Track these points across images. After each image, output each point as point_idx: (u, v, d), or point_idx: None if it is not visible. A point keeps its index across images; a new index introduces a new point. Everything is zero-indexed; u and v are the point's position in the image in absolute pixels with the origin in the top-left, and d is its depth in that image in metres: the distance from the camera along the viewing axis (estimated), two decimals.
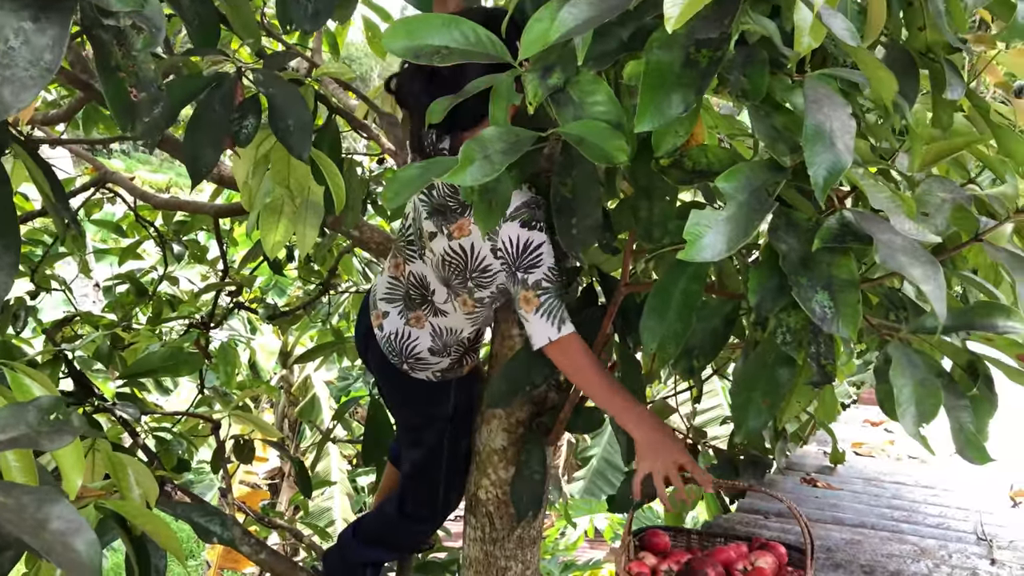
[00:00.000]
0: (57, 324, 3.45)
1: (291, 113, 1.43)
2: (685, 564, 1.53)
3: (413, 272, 1.87)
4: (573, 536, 5.96)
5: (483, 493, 1.97)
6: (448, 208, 1.72)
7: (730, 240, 1.05)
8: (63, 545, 0.79)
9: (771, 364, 1.33)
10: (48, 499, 0.83)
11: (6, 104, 0.83)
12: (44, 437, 0.90)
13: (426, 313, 1.86)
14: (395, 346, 1.91)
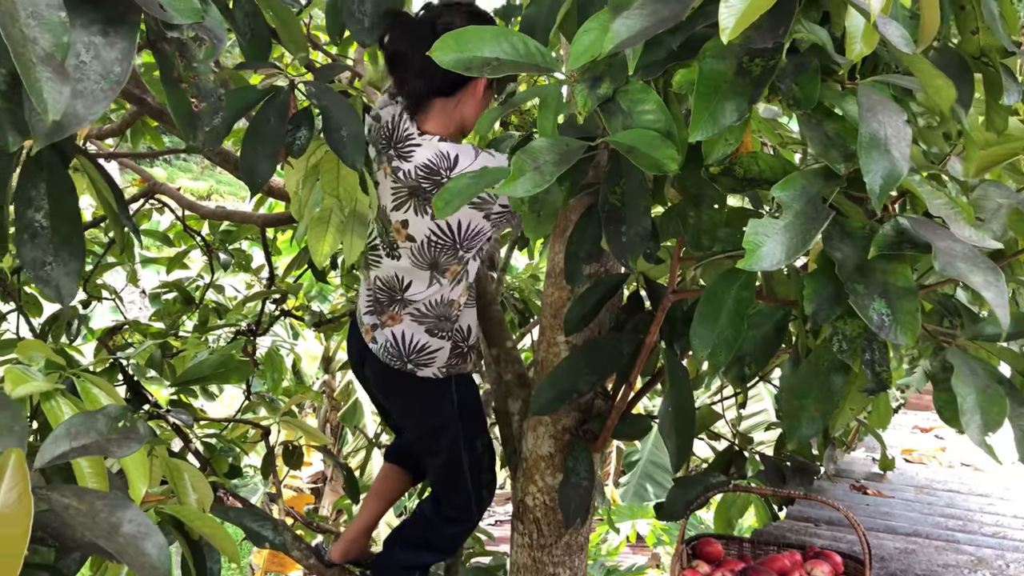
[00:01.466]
0: (108, 332, 3.53)
1: (344, 124, 1.45)
2: (739, 572, 1.52)
3: (379, 276, 1.88)
4: (615, 541, 5.93)
5: (530, 499, 1.98)
6: (422, 189, 1.74)
7: (788, 249, 1.05)
8: (135, 549, 0.82)
9: (824, 371, 1.32)
10: (119, 504, 0.85)
11: (79, 117, 0.86)
12: (113, 444, 0.93)
13: (396, 310, 1.87)
14: (396, 349, 1.90)
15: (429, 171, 1.72)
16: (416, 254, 1.79)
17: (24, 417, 0.93)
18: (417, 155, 1.74)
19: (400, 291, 1.85)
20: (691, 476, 2.04)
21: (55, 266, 1.09)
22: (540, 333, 2.01)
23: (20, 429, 0.89)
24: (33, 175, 1.10)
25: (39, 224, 1.09)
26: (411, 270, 1.82)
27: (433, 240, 1.76)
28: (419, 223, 1.75)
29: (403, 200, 1.77)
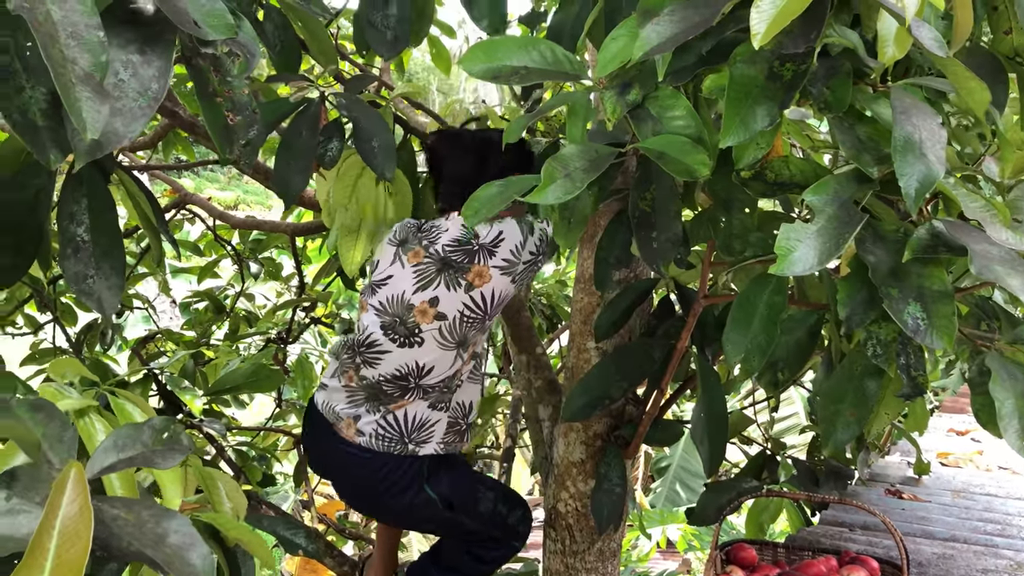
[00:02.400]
0: (141, 341, 3.58)
1: (376, 135, 1.47)
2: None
3: (382, 373, 1.80)
4: (646, 547, 5.90)
5: (562, 506, 1.98)
6: (451, 263, 1.78)
7: (821, 254, 1.04)
8: (181, 559, 0.83)
9: (858, 376, 1.31)
10: (165, 515, 0.86)
11: (119, 134, 0.88)
12: (158, 456, 0.95)
13: (411, 397, 1.81)
14: (395, 431, 1.82)
15: (458, 243, 1.79)
16: (445, 334, 1.78)
17: (72, 428, 0.95)
18: (444, 235, 1.82)
19: (417, 378, 1.80)
20: (723, 481, 2.03)
21: (97, 279, 1.11)
22: (570, 339, 2.02)
23: (69, 439, 0.90)
24: (75, 190, 1.12)
25: (81, 238, 1.11)
26: (435, 352, 1.79)
27: (466, 315, 1.77)
28: (452, 298, 1.77)
29: (431, 278, 1.79)
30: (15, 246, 1.12)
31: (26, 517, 0.68)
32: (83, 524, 0.60)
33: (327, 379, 1.91)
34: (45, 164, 0.89)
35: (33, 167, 1.11)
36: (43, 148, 0.91)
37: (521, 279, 1.84)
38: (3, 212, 1.10)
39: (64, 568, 0.59)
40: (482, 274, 1.77)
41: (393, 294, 1.81)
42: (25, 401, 0.98)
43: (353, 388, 1.84)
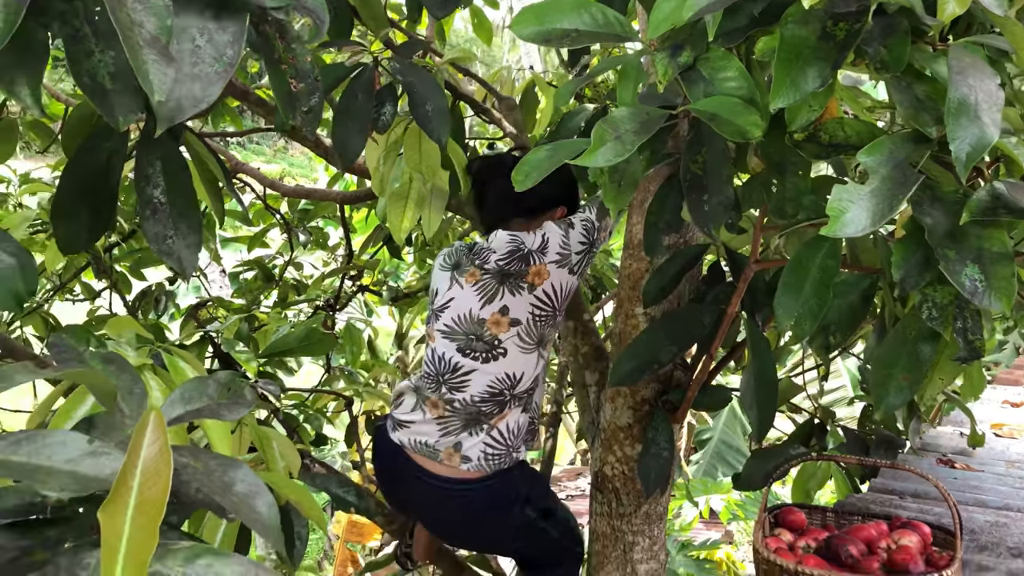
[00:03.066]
0: (194, 308, 3.66)
1: (429, 99, 1.48)
2: (825, 540, 1.51)
3: (472, 394, 1.81)
4: (689, 516, 5.92)
5: (609, 469, 2.00)
6: (509, 273, 1.81)
7: (874, 215, 1.04)
8: (247, 506, 0.86)
9: (912, 340, 1.30)
10: (231, 465, 0.90)
11: (197, 99, 0.91)
12: (224, 408, 0.98)
13: (508, 409, 1.83)
14: (503, 445, 1.83)
15: (508, 254, 1.83)
16: (524, 337, 1.81)
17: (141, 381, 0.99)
18: (494, 253, 1.85)
19: (511, 388, 1.82)
20: (770, 448, 2.04)
21: (176, 239, 1.15)
22: (618, 305, 2.02)
23: (140, 391, 0.94)
24: (148, 154, 1.16)
25: (158, 200, 1.14)
26: (520, 359, 1.81)
27: (537, 313, 1.81)
28: (520, 302, 1.80)
29: (493, 291, 1.82)
30: (91, 209, 1.16)
31: (108, 459, 0.71)
32: (163, 464, 0.63)
33: (406, 415, 1.89)
34: (114, 126, 0.92)
35: (104, 131, 1.15)
36: (112, 111, 0.94)
37: (579, 268, 1.87)
38: (78, 176, 1.14)
39: (147, 505, 0.62)
40: (540, 273, 1.81)
41: (460, 314, 1.84)
42: (98, 354, 1.02)
43: (447, 417, 1.83)
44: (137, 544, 0.61)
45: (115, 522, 0.61)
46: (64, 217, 1.14)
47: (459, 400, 1.82)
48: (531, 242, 1.83)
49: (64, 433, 0.73)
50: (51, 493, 0.68)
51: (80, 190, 1.14)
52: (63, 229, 1.15)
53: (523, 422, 1.87)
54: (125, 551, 0.61)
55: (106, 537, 0.60)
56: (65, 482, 0.69)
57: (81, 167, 1.13)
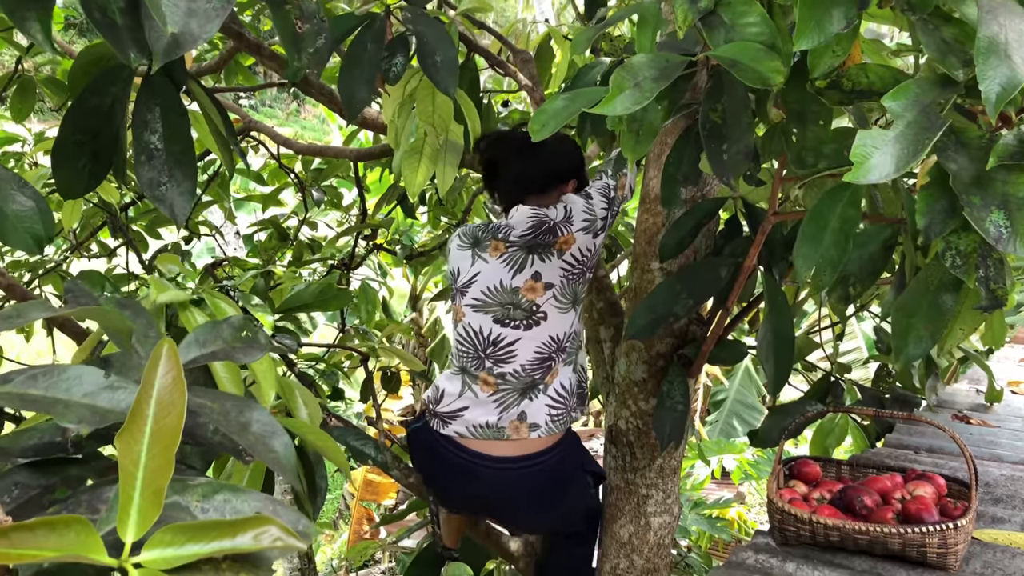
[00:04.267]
0: (210, 266, 3.67)
1: (439, 50, 1.46)
2: (839, 492, 1.51)
3: (523, 364, 1.82)
4: (701, 475, 5.95)
5: (623, 423, 2.00)
6: (537, 243, 1.83)
7: (899, 160, 1.02)
8: (264, 446, 0.87)
9: (934, 289, 1.28)
10: (248, 405, 0.90)
11: (194, 35, 0.89)
12: (238, 351, 0.98)
13: (558, 365, 1.85)
14: (563, 407, 1.85)
15: (533, 228, 1.84)
16: (560, 298, 1.83)
17: (156, 325, 0.99)
18: (517, 228, 1.85)
19: (558, 349, 1.84)
20: (787, 404, 2.03)
21: (169, 186, 1.15)
22: (634, 260, 2.01)
23: (155, 335, 0.95)
24: (148, 99, 1.15)
25: (154, 146, 1.14)
26: (560, 319, 1.83)
27: (570, 274, 1.83)
28: (551, 267, 1.82)
29: (522, 260, 1.83)
30: (93, 152, 1.15)
31: (124, 392, 0.71)
32: (178, 394, 0.63)
33: (454, 405, 1.86)
34: (125, 62, 0.92)
35: (109, 74, 1.14)
36: (123, 46, 0.93)
37: (603, 231, 1.89)
38: (82, 118, 1.13)
39: (162, 434, 0.62)
40: (568, 241, 1.84)
41: (490, 285, 1.84)
42: (112, 299, 1.02)
43: (503, 391, 1.83)
44: (154, 471, 0.61)
45: (131, 450, 0.61)
46: (65, 160, 1.14)
47: (510, 372, 1.82)
48: (555, 215, 1.85)
49: (81, 368, 0.73)
50: (69, 425, 0.68)
51: (82, 133, 1.13)
52: (63, 172, 1.14)
53: (574, 380, 1.89)
54: (142, 478, 0.61)
55: (123, 464, 0.60)
56: (82, 415, 0.69)
57: (84, 110, 1.12)
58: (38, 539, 0.57)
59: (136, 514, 0.62)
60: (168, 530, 0.61)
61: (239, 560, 0.65)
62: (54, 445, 0.83)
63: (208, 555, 0.61)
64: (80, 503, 0.75)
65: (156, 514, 0.62)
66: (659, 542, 2.03)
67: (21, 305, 0.75)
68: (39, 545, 0.57)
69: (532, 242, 1.83)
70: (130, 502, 0.62)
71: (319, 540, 7.71)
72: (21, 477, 0.80)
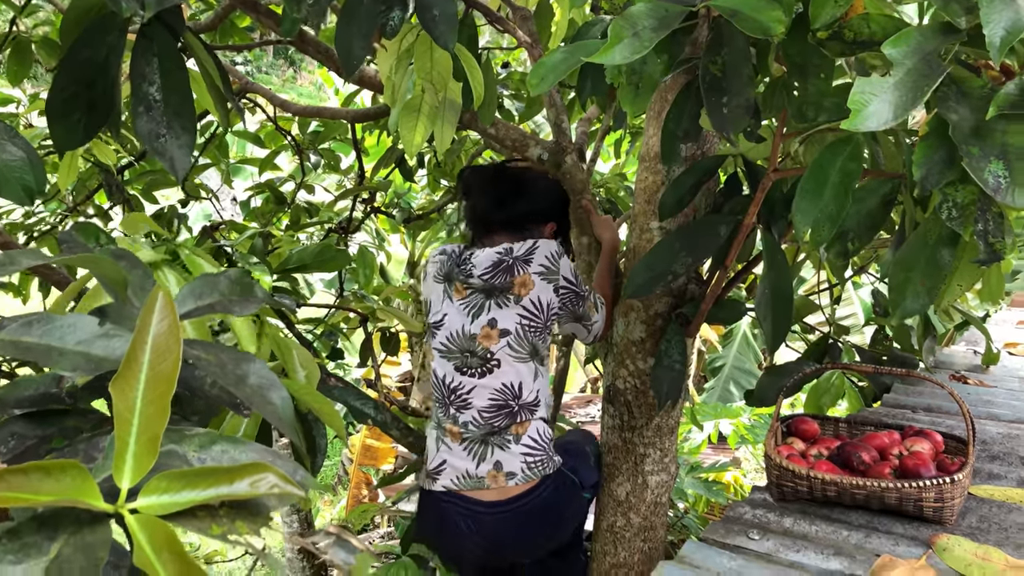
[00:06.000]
0: (207, 229, 3.66)
1: (437, 3, 1.43)
2: (837, 448, 1.52)
3: (480, 410, 1.80)
4: (697, 440, 5.99)
5: (621, 383, 2.01)
6: (495, 287, 1.80)
7: (897, 108, 1.01)
8: (261, 398, 0.86)
9: (932, 244, 1.27)
10: (244, 358, 0.90)
11: None
12: (235, 304, 0.98)
13: (524, 419, 1.81)
14: (541, 451, 1.82)
15: (493, 266, 1.81)
16: (515, 346, 1.79)
17: (152, 278, 0.98)
18: (479, 266, 1.83)
19: (515, 398, 1.80)
20: (783, 364, 2.03)
21: (168, 138, 1.13)
22: (632, 220, 2.00)
23: (151, 286, 0.94)
24: (146, 50, 1.13)
25: (152, 97, 1.12)
26: (514, 368, 1.79)
27: (525, 324, 1.79)
28: (507, 314, 1.79)
29: (480, 305, 1.81)
30: (88, 103, 1.13)
31: (119, 340, 0.71)
32: (173, 340, 0.62)
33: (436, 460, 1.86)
34: (116, 10, 0.90)
35: (102, 23, 1.12)
36: None
37: (565, 299, 1.83)
38: (75, 70, 1.12)
39: (157, 380, 0.61)
40: (525, 283, 1.79)
41: (452, 331, 1.83)
42: (107, 250, 1.01)
43: (468, 441, 1.82)
44: (149, 418, 0.61)
45: (126, 396, 0.61)
46: (60, 112, 1.12)
47: (471, 420, 1.81)
48: (517, 249, 1.81)
49: (76, 316, 0.73)
50: (64, 373, 0.68)
51: (76, 85, 1.12)
52: (58, 126, 1.12)
53: (546, 431, 1.86)
54: (138, 424, 0.61)
55: (118, 410, 0.60)
56: (77, 362, 0.69)
57: (78, 61, 1.10)
58: (32, 483, 0.57)
59: (132, 460, 0.62)
60: (164, 476, 0.61)
61: (236, 507, 0.65)
62: (50, 396, 0.83)
63: (204, 501, 0.61)
64: (77, 452, 0.75)
65: (152, 461, 0.62)
66: (656, 500, 2.04)
67: (13, 252, 0.74)
68: (34, 489, 0.56)
69: (491, 284, 1.80)
70: (126, 448, 0.61)
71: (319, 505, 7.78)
72: (18, 427, 0.80)
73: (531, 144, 2.23)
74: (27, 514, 0.61)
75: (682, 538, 3.44)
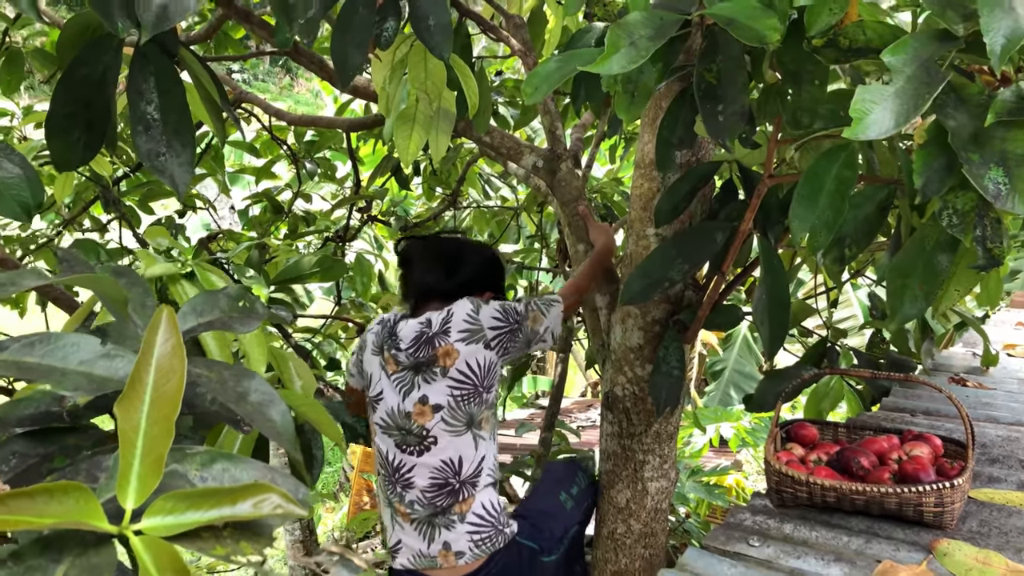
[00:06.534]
0: (205, 240, 3.66)
1: (432, 13, 1.44)
2: (836, 453, 1.52)
3: (422, 490, 1.78)
4: (699, 444, 5.99)
5: (619, 390, 2.01)
6: (420, 362, 1.79)
7: (898, 116, 1.01)
8: (262, 415, 0.86)
9: (930, 249, 1.28)
10: (245, 374, 0.90)
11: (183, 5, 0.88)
12: (235, 321, 0.98)
13: (468, 495, 1.80)
14: (489, 526, 1.80)
15: (415, 341, 1.80)
16: (449, 420, 1.77)
17: (153, 294, 0.98)
18: (403, 340, 1.82)
19: (456, 475, 1.78)
20: (782, 369, 2.03)
21: (168, 157, 1.13)
22: (628, 227, 2.00)
23: (152, 304, 0.94)
24: (142, 68, 1.13)
25: (151, 116, 1.12)
26: (452, 443, 1.77)
27: (457, 394, 1.76)
28: (437, 388, 1.77)
29: (410, 381, 1.80)
30: (86, 122, 1.14)
31: (121, 361, 0.71)
32: (177, 360, 0.62)
33: (393, 540, 1.86)
34: (114, 31, 0.90)
35: (99, 43, 1.12)
36: (112, 17, 0.92)
37: (498, 345, 1.82)
38: (73, 89, 1.12)
39: (162, 401, 0.61)
40: (449, 352, 1.77)
41: (390, 407, 1.82)
42: (107, 267, 1.01)
43: (417, 521, 1.80)
44: (154, 438, 0.61)
45: (131, 416, 0.61)
46: (58, 132, 1.12)
47: (415, 499, 1.80)
48: (435, 322, 1.81)
49: (77, 336, 0.73)
50: (66, 393, 0.68)
51: (75, 104, 1.12)
52: (58, 144, 1.13)
53: (500, 501, 1.84)
54: (142, 445, 0.61)
55: (123, 431, 0.60)
56: (79, 383, 0.69)
57: (75, 80, 1.11)
58: (37, 506, 0.57)
59: (136, 481, 0.62)
60: (168, 497, 0.61)
61: (239, 528, 0.65)
62: (50, 415, 0.83)
63: (209, 522, 0.61)
64: (79, 471, 0.75)
65: (156, 482, 0.62)
66: (656, 507, 2.04)
67: (13, 273, 0.74)
68: (38, 512, 0.56)
69: (416, 359, 1.80)
70: (130, 469, 0.61)
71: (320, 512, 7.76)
72: (19, 446, 0.80)
73: (526, 152, 2.23)
74: (31, 536, 0.60)
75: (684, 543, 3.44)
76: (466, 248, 2.01)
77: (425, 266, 1.93)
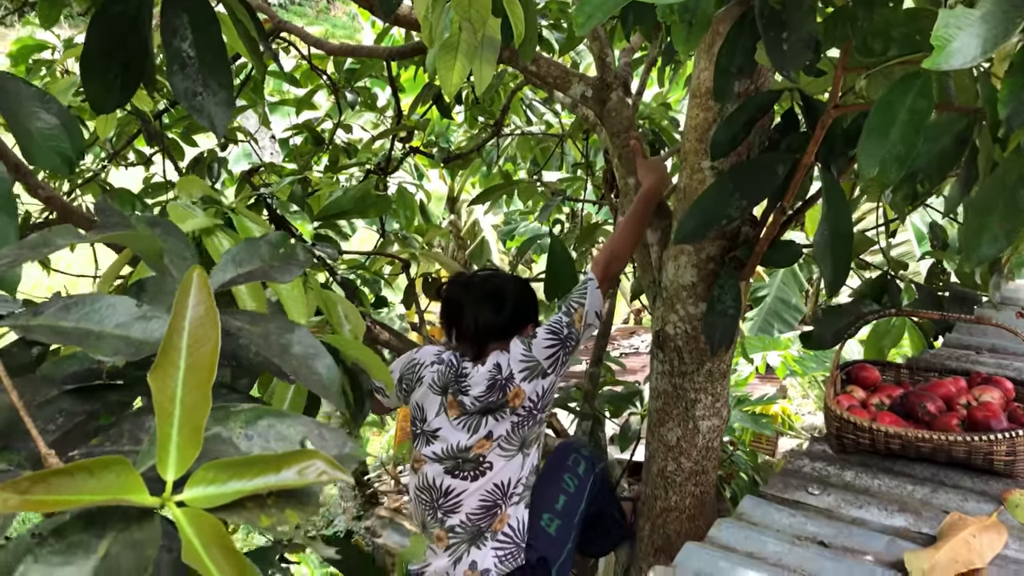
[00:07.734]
0: (247, 173, 3.64)
1: None
2: (900, 397, 1.46)
3: (468, 513, 1.85)
4: (745, 372, 5.94)
5: (671, 328, 1.96)
6: (492, 404, 1.84)
7: (986, 42, 0.92)
8: (307, 368, 0.83)
9: (1012, 185, 1.19)
10: (288, 327, 0.86)
11: None
12: (276, 270, 0.94)
13: (505, 510, 1.86)
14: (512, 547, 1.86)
15: (488, 389, 1.84)
16: (505, 446, 1.84)
17: (192, 246, 0.95)
18: (474, 387, 1.85)
19: (504, 495, 1.86)
20: (841, 304, 1.96)
21: (206, 96, 1.09)
22: (683, 159, 1.92)
23: (191, 256, 0.91)
24: (175, 4, 1.08)
25: (186, 54, 1.07)
26: (506, 467, 1.85)
27: (516, 422, 1.84)
28: (502, 424, 1.84)
29: (477, 422, 1.85)
30: (123, 62, 1.09)
31: (158, 322, 0.68)
32: (211, 325, 0.59)
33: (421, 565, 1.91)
34: None
35: None
36: None
37: (555, 367, 1.88)
38: (107, 26, 1.07)
39: (196, 368, 0.58)
40: (518, 394, 1.84)
41: (448, 445, 1.86)
42: (142, 218, 0.98)
43: (453, 545, 1.87)
44: (190, 407, 0.58)
45: (166, 385, 0.58)
46: (94, 72, 1.08)
47: (458, 523, 1.86)
48: (504, 368, 1.85)
49: (113, 297, 0.70)
50: (103, 358, 0.65)
51: (110, 43, 1.07)
52: (94, 86, 1.09)
53: (525, 516, 1.90)
54: (179, 415, 0.58)
55: (159, 401, 0.57)
56: (116, 346, 0.66)
57: (108, 17, 1.06)
58: (77, 484, 0.54)
59: (175, 452, 0.59)
60: (210, 467, 0.59)
61: (284, 496, 0.62)
62: (94, 372, 0.81)
63: (252, 492, 0.59)
64: (123, 432, 0.73)
65: (196, 452, 0.59)
66: (708, 445, 2.01)
67: (47, 233, 0.71)
68: (78, 489, 0.54)
69: (487, 404, 1.85)
70: (169, 440, 0.59)
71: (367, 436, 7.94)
72: (65, 404, 0.78)
73: (574, 81, 2.15)
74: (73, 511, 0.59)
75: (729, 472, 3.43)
76: (502, 281, 2.04)
77: (475, 308, 1.94)
